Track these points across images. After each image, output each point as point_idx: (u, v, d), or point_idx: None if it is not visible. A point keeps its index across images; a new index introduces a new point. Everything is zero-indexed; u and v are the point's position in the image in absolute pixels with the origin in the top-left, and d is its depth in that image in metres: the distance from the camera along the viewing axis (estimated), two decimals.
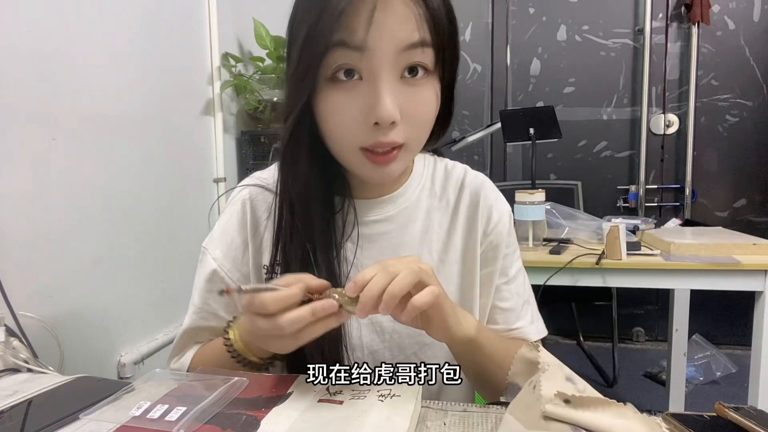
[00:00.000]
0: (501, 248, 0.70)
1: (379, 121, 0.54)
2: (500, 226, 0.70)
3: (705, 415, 0.48)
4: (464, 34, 2.86)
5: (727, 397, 0.97)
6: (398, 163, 0.59)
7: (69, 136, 1.09)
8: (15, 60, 0.97)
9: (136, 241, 1.29)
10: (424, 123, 0.59)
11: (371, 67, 0.53)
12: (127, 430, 0.48)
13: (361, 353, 0.68)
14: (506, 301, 0.71)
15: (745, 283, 1.37)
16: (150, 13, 1.37)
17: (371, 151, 0.57)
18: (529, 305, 0.73)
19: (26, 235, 0.98)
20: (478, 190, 0.71)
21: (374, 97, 0.53)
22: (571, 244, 1.60)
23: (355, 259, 0.67)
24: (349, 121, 0.55)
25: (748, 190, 2.65)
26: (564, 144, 2.66)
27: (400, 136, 0.56)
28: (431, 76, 0.57)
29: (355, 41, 0.52)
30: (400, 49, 0.53)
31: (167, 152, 1.45)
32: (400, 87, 0.55)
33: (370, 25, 0.51)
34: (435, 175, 0.73)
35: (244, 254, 0.69)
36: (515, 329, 0.71)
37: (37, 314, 0.92)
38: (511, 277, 0.71)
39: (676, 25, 2.63)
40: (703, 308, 2.42)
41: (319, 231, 0.63)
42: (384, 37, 0.52)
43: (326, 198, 0.65)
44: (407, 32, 0.53)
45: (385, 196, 0.69)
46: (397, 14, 0.52)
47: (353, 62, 0.53)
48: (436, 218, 0.70)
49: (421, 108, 0.57)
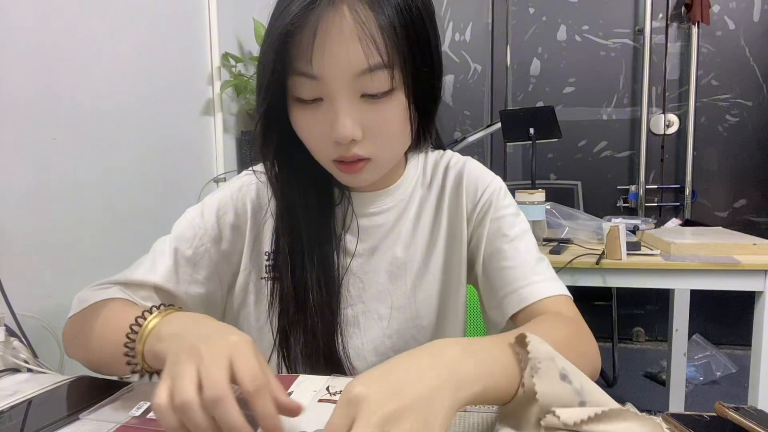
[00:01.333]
0: (490, 213, 0.69)
1: (337, 140, 0.55)
2: (487, 192, 0.70)
3: (705, 415, 0.47)
4: (464, 34, 2.86)
5: (727, 397, 0.97)
6: (367, 173, 0.60)
7: (69, 136, 1.09)
8: (15, 60, 0.97)
9: (136, 241, 1.29)
10: (389, 138, 0.59)
11: (328, 92, 0.54)
12: (127, 430, 0.48)
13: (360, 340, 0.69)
14: (513, 259, 0.66)
15: (745, 283, 1.36)
16: (150, 13, 1.37)
17: (341, 162, 0.58)
18: (543, 263, 0.68)
19: (26, 235, 0.98)
20: (461, 169, 0.72)
21: (333, 118, 0.54)
22: (571, 244, 1.60)
23: (355, 250, 0.68)
24: (316, 138, 0.58)
25: (748, 190, 2.65)
26: (564, 144, 2.65)
27: (363, 150, 0.57)
28: (395, 92, 0.55)
29: (307, 70, 0.53)
30: (351, 75, 0.53)
31: (167, 152, 1.45)
32: (361, 106, 0.55)
33: (312, 53, 0.51)
34: (426, 166, 0.74)
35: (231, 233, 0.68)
36: (526, 285, 0.63)
37: (37, 314, 0.92)
38: (513, 236, 0.68)
39: (676, 25, 2.63)
40: (703, 308, 2.42)
41: (318, 222, 0.65)
42: (332, 65, 0.52)
43: (326, 190, 0.67)
44: (356, 59, 0.52)
45: (382, 190, 0.70)
46: (344, 39, 0.51)
47: (311, 88, 0.54)
48: (427, 205, 0.72)
49: (383, 125, 0.57)
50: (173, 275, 0.65)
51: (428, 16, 0.57)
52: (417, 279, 0.70)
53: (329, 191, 0.68)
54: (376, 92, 0.54)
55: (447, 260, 0.72)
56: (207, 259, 0.67)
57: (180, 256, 0.66)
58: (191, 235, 0.67)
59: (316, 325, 0.64)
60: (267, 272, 0.68)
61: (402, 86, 0.55)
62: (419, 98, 0.58)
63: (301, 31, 0.51)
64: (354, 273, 0.69)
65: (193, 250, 0.66)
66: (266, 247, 0.69)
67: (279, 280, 0.66)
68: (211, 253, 0.67)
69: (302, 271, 0.64)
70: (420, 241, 0.71)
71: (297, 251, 0.64)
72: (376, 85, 0.54)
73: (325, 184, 0.67)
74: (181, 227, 0.68)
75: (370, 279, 0.69)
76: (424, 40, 0.56)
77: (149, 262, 0.65)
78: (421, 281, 0.70)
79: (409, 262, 0.70)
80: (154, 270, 0.64)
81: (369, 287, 0.69)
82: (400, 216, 0.71)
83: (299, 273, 0.64)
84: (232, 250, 0.69)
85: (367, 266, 0.69)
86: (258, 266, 0.69)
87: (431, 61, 0.58)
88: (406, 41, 0.53)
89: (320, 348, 0.64)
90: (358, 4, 0.51)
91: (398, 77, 0.54)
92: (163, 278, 0.64)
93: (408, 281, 0.70)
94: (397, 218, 0.71)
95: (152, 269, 0.64)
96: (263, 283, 0.69)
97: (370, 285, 0.69)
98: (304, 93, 0.55)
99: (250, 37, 1.82)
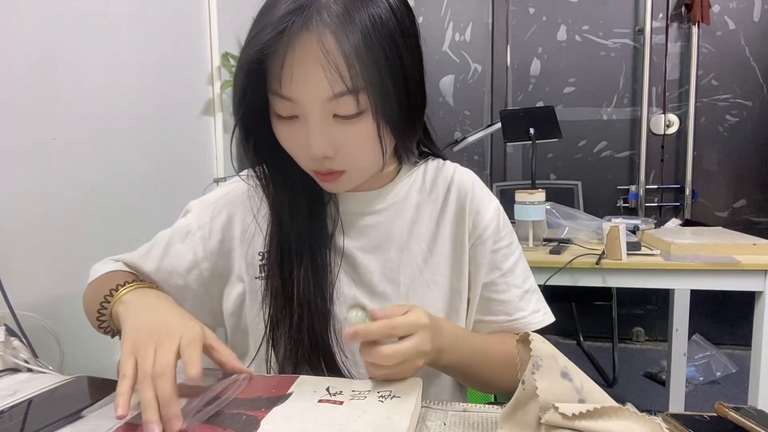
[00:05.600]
0: (488, 244, 0.72)
1: (311, 157, 0.59)
2: (487, 222, 0.72)
3: (705, 415, 0.48)
4: (464, 34, 2.87)
5: (727, 397, 0.97)
6: (343, 183, 0.64)
7: (69, 136, 1.09)
8: (15, 60, 0.97)
9: (136, 240, 1.29)
10: (360, 155, 0.61)
11: (302, 112, 0.57)
12: (127, 430, 0.48)
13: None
14: (503, 294, 0.72)
15: (744, 283, 1.36)
16: (150, 12, 1.37)
17: (316, 171, 0.63)
18: (531, 294, 0.74)
19: (26, 235, 0.98)
20: (466, 186, 0.73)
21: (307, 137, 0.58)
22: (571, 244, 1.60)
23: (344, 249, 0.70)
24: (295, 151, 0.62)
25: (748, 190, 2.65)
26: (564, 144, 2.65)
27: (336, 165, 0.61)
28: (364, 113, 0.57)
29: (280, 92, 0.56)
30: (320, 100, 0.55)
31: (167, 152, 1.45)
32: (333, 126, 0.58)
33: (282, 78, 0.55)
34: (426, 172, 0.75)
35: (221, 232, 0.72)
36: (513, 320, 0.72)
37: (37, 313, 0.91)
38: (507, 269, 0.73)
39: (676, 25, 2.63)
40: (703, 308, 2.43)
41: (307, 220, 0.67)
42: (302, 90, 0.55)
43: (315, 190, 0.68)
44: (322, 86, 0.54)
45: (371, 191, 0.71)
46: (310, 68, 0.54)
47: (286, 107, 0.57)
48: (426, 212, 0.73)
49: (354, 143, 0.59)
50: (158, 265, 0.72)
51: (403, 36, 0.57)
52: (411, 283, 0.71)
53: (318, 190, 0.69)
54: (345, 114, 0.57)
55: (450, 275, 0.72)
56: (192, 254, 0.72)
57: (171, 249, 0.73)
58: (185, 231, 0.73)
59: (302, 320, 0.65)
60: (261, 272, 0.70)
61: (370, 108, 0.57)
62: (392, 118, 0.59)
63: (273, 57, 0.55)
64: (347, 272, 0.70)
65: (183, 245, 0.72)
66: (260, 248, 0.70)
67: (270, 279, 0.68)
68: (197, 249, 0.72)
69: (290, 266, 0.66)
70: (416, 248, 0.71)
71: (286, 249, 0.67)
72: (344, 109, 0.56)
73: (313, 184, 0.68)
74: (182, 220, 0.75)
75: (363, 279, 0.70)
76: (394, 63, 0.56)
77: (146, 250, 0.74)
78: (415, 287, 0.71)
79: (402, 266, 0.70)
80: (147, 258, 0.73)
81: (361, 287, 0.70)
82: (395, 218, 0.71)
83: (287, 269, 0.66)
84: (219, 248, 0.72)
85: (360, 266, 0.70)
86: (253, 266, 0.71)
87: (404, 82, 0.58)
88: (374, 66, 0.54)
89: (305, 342, 0.65)
90: (324, 32, 0.52)
91: (364, 101, 0.56)
92: (151, 268, 0.72)
93: (401, 285, 0.70)
94: (392, 220, 0.71)
95: (147, 257, 0.73)
96: (257, 282, 0.70)
97: (361, 285, 0.70)
98: (282, 111, 0.58)
99: None
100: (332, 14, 0.52)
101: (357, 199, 0.71)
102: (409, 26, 0.59)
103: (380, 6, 0.55)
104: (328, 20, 0.52)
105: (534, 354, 0.42)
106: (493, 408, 0.54)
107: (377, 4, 0.55)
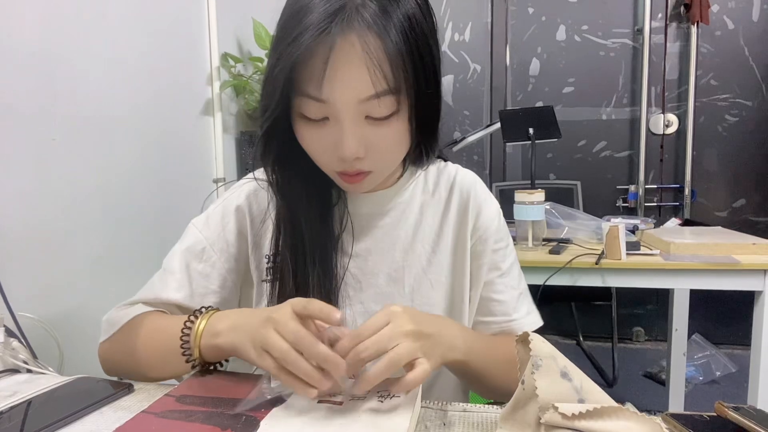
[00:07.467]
0: (489, 243, 0.73)
1: (342, 159, 0.58)
2: (488, 222, 0.73)
3: (705, 415, 0.48)
4: (463, 34, 2.86)
5: (726, 397, 0.97)
6: (367, 183, 0.63)
7: (69, 136, 1.09)
8: (15, 60, 0.97)
9: (136, 241, 1.29)
10: (390, 154, 0.62)
11: (335, 114, 0.56)
12: (126, 430, 0.48)
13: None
14: (501, 294, 0.73)
15: (744, 283, 1.36)
16: (150, 13, 1.37)
17: (343, 173, 0.62)
18: (525, 297, 0.76)
19: (26, 235, 0.98)
20: (468, 188, 0.74)
21: (339, 138, 0.57)
22: (570, 244, 1.60)
23: (352, 251, 0.70)
24: (321, 153, 0.61)
25: (748, 190, 2.65)
26: (563, 144, 2.66)
27: (365, 166, 0.60)
28: (398, 114, 0.57)
29: (315, 93, 0.55)
30: (357, 100, 0.55)
31: (167, 152, 1.45)
32: (366, 126, 0.57)
33: (323, 80, 0.53)
34: (429, 173, 0.76)
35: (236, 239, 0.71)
36: (512, 320, 0.73)
37: (36, 314, 0.91)
38: (505, 270, 0.74)
39: (675, 25, 2.63)
40: (703, 308, 2.42)
41: (318, 223, 0.67)
42: (341, 91, 0.54)
43: (325, 192, 0.68)
44: (363, 86, 0.54)
45: (378, 191, 0.71)
46: (353, 67, 0.53)
47: (318, 109, 0.56)
48: (429, 212, 0.74)
49: (386, 144, 0.60)
50: (189, 291, 0.68)
51: (431, 35, 0.58)
52: (415, 284, 0.71)
53: (328, 193, 0.69)
54: (380, 116, 0.57)
55: (452, 274, 0.73)
56: (218, 268, 0.70)
57: (192, 271, 0.69)
58: (200, 248, 0.70)
59: None
60: (267, 274, 0.70)
61: (406, 107, 0.58)
62: (421, 117, 0.60)
63: (312, 58, 0.53)
64: (353, 274, 0.70)
65: (203, 264, 0.69)
66: (266, 251, 0.70)
67: (280, 282, 0.67)
68: (221, 262, 0.70)
69: (304, 271, 0.66)
70: (420, 249, 0.72)
71: (299, 253, 0.66)
72: (382, 109, 0.56)
73: (324, 186, 0.68)
74: (188, 241, 0.71)
75: (368, 281, 0.70)
76: (428, 62, 0.58)
77: (164, 281, 0.69)
78: (419, 287, 0.71)
79: (407, 267, 0.71)
80: (169, 287, 0.68)
81: (367, 288, 0.70)
82: (399, 219, 0.72)
83: (301, 274, 0.66)
84: (238, 255, 0.71)
85: (365, 268, 0.70)
86: (260, 269, 0.71)
87: (434, 81, 0.60)
88: (412, 65, 0.55)
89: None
90: (366, 33, 0.52)
91: (402, 100, 0.56)
92: (180, 296, 0.67)
93: (406, 286, 0.71)
94: (396, 221, 0.72)
95: (168, 287, 0.68)
96: (264, 285, 0.70)
97: (368, 286, 0.70)
98: (311, 113, 0.57)
99: (249, 38, 1.82)
100: (372, 14, 0.53)
101: (368, 200, 0.71)
102: (435, 24, 0.60)
103: (411, 4, 0.56)
104: (369, 20, 0.52)
105: (533, 354, 0.43)
106: (493, 408, 0.54)
107: (409, 3, 0.55)
